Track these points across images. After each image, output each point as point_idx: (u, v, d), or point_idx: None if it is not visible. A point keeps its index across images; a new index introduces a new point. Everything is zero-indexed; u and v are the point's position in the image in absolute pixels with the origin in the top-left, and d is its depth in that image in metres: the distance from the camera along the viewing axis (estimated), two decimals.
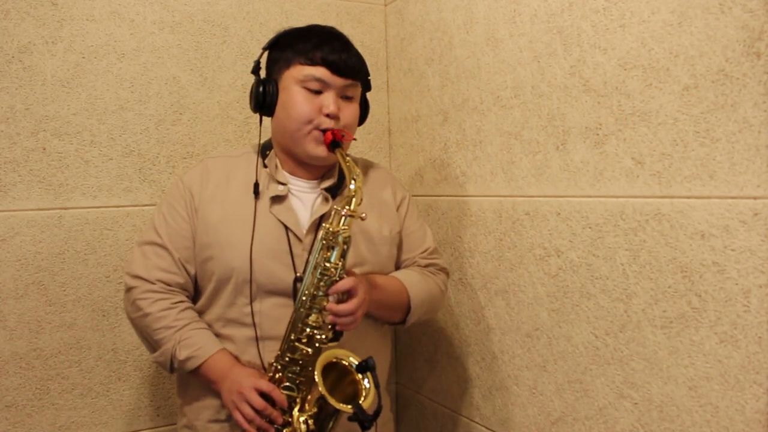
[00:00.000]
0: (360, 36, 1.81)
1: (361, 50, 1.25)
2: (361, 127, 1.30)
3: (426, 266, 1.31)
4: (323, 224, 1.09)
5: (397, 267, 1.32)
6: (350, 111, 1.19)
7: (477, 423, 1.52)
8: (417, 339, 1.76)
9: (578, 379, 1.21)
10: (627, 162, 1.08)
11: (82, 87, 1.48)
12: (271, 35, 1.68)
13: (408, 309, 1.23)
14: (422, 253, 1.31)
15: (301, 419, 1.03)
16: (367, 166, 1.35)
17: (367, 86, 1.27)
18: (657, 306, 1.04)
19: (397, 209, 1.31)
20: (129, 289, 1.20)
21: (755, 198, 0.90)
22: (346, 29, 1.81)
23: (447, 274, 1.37)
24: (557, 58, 1.22)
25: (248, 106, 1.64)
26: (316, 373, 1.01)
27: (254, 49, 1.66)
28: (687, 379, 1.00)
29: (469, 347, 1.54)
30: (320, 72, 1.15)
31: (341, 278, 1.06)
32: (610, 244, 1.12)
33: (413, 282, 1.25)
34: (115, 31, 1.50)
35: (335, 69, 1.15)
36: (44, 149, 1.44)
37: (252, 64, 1.63)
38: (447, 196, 1.59)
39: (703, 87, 0.95)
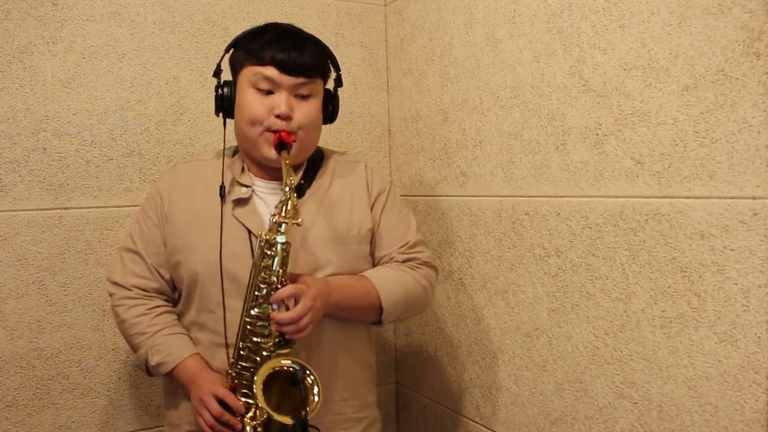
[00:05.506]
0: (360, 36, 1.81)
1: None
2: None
3: (404, 261, 1.24)
4: (257, 232, 1.09)
5: (376, 264, 1.26)
6: (306, 110, 1.15)
7: (477, 423, 1.52)
8: (417, 339, 1.76)
9: (578, 379, 1.21)
10: (627, 162, 1.08)
11: (82, 87, 1.48)
12: None
13: (381, 309, 1.19)
14: (401, 247, 1.25)
15: (250, 426, 1.05)
16: (343, 162, 1.30)
17: (337, 82, 1.23)
18: (656, 306, 1.04)
19: (372, 206, 1.26)
20: (110, 295, 1.23)
21: (755, 198, 0.90)
22: (346, 29, 1.83)
23: (432, 267, 1.28)
24: (557, 59, 1.22)
25: None
26: (255, 384, 1.02)
27: None
28: (686, 379, 1.00)
29: (469, 347, 1.54)
30: (269, 71, 1.11)
31: (283, 285, 1.05)
32: (609, 244, 1.13)
33: (384, 280, 1.20)
34: (115, 31, 1.51)
35: (284, 68, 1.11)
36: (45, 149, 1.45)
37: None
38: (447, 196, 1.59)
39: (703, 87, 0.95)
